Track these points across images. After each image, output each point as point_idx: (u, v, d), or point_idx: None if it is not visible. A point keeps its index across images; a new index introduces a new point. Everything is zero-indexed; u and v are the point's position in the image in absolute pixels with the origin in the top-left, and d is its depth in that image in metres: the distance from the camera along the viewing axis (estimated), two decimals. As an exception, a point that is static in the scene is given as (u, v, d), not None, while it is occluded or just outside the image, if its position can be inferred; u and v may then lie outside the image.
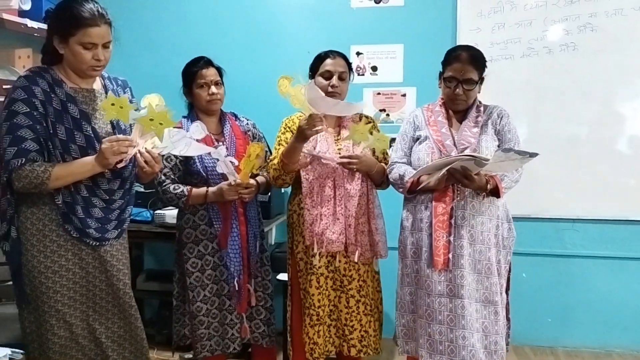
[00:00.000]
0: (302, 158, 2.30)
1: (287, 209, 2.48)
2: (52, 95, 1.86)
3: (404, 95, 3.38)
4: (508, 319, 2.31)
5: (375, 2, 3.39)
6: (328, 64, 2.37)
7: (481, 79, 2.25)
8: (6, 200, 1.90)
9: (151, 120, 1.83)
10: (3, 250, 1.98)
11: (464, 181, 2.09)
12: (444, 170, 2.07)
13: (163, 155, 2.02)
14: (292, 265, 2.45)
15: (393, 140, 2.47)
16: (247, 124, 2.57)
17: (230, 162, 2.27)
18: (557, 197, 3.28)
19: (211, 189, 2.33)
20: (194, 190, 2.35)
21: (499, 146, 2.24)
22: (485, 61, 2.26)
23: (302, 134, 2.18)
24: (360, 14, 3.41)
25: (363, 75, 3.42)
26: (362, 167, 2.29)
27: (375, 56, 3.40)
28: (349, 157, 2.26)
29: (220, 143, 2.40)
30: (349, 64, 2.42)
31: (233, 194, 2.29)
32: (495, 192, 2.17)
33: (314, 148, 2.33)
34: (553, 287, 3.34)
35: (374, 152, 2.41)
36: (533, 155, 1.99)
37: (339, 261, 2.33)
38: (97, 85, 2.02)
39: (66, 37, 1.83)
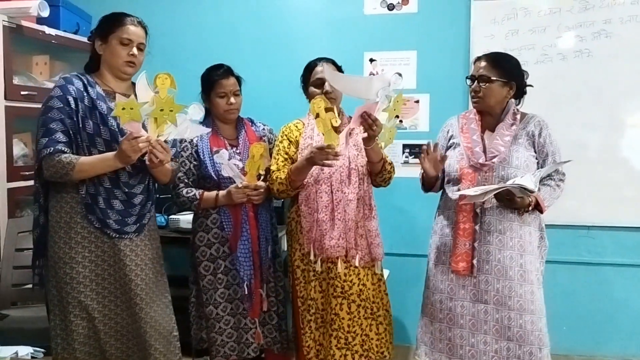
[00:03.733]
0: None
1: (290, 215, 2.46)
2: (85, 94, 2.03)
3: (417, 101, 3.38)
4: None
5: (389, 9, 3.40)
6: (318, 71, 2.35)
7: (509, 84, 2.23)
8: (39, 189, 2.07)
9: (161, 110, 1.90)
10: (34, 236, 2.11)
11: (507, 203, 2.13)
12: (487, 197, 2.08)
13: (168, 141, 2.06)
14: (291, 273, 2.44)
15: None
16: (264, 129, 2.59)
17: (235, 164, 2.29)
18: (571, 204, 3.24)
19: (221, 192, 2.35)
20: (206, 193, 2.37)
21: (537, 158, 2.24)
22: (514, 66, 2.27)
23: (312, 161, 2.16)
24: (373, 21, 3.43)
25: (376, 81, 3.42)
26: (377, 134, 2.12)
27: (388, 63, 3.40)
28: (375, 119, 2.07)
29: (234, 148, 2.42)
30: (339, 69, 2.41)
31: (241, 196, 2.30)
32: (537, 208, 2.19)
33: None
34: (568, 295, 3.29)
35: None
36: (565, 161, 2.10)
37: (340, 267, 2.29)
38: (128, 92, 2.12)
39: (107, 36, 2.06)
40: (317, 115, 2.09)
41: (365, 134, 2.14)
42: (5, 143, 2.81)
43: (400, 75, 2.18)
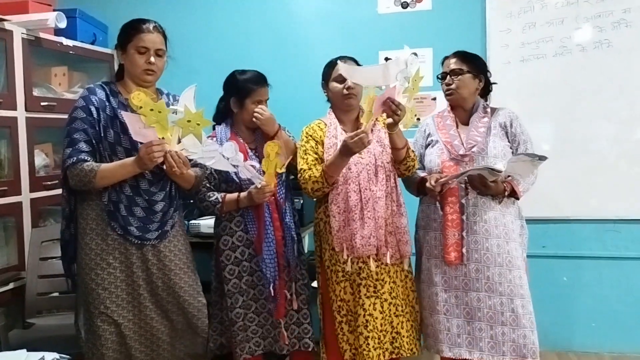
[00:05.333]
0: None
1: (317, 216, 2.46)
2: (107, 104, 2.07)
3: (434, 99, 3.35)
4: None
5: (403, 7, 3.38)
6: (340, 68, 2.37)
7: (478, 77, 2.39)
8: (65, 197, 2.11)
9: (188, 122, 1.92)
10: (61, 244, 2.17)
11: (481, 188, 2.24)
12: (457, 179, 2.24)
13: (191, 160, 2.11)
14: (321, 274, 2.43)
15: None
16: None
17: (252, 165, 2.29)
18: (596, 198, 3.19)
19: (242, 194, 2.36)
20: (228, 196, 2.38)
21: (511, 148, 2.35)
22: (481, 62, 2.44)
23: (348, 150, 2.13)
24: (387, 20, 3.42)
25: (392, 80, 3.40)
26: (402, 118, 2.14)
27: (404, 61, 3.38)
28: (399, 104, 2.10)
29: (253, 150, 2.44)
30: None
31: (261, 197, 2.29)
32: (513, 195, 2.31)
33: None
34: (596, 290, 3.23)
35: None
36: (542, 158, 2.13)
37: (372, 266, 2.29)
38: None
39: (125, 46, 2.09)
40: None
41: (390, 120, 2.16)
42: (27, 154, 2.85)
43: (415, 54, 2.22)
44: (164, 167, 2.01)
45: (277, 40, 3.56)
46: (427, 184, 2.29)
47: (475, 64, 2.39)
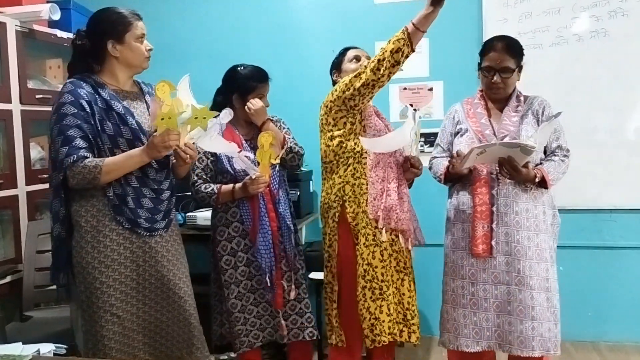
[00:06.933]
0: None
1: (335, 182, 2.35)
2: (97, 96, 1.97)
3: (431, 89, 3.35)
4: None
5: (399, -3, 3.37)
6: (354, 51, 2.45)
7: (519, 67, 2.28)
8: (58, 201, 1.99)
9: (196, 118, 1.92)
10: (54, 247, 2.07)
11: (512, 173, 2.15)
12: (473, 154, 2.10)
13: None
14: (340, 240, 2.32)
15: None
16: (273, 118, 2.58)
17: (246, 156, 2.30)
18: (593, 187, 3.20)
19: (237, 185, 2.37)
20: (223, 187, 2.39)
21: None
22: (522, 49, 2.30)
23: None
24: (383, 10, 3.40)
25: (389, 71, 3.38)
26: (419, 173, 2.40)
27: (400, 51, 3.36)
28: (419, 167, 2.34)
29: (249, 142, 2.45)
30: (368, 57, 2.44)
31: (256, 188, 2.30)
32: (543, 184, 2.23)
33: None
34: (592, 280, 3.25)
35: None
36: (557, 114, 2.13)
37: (402, 241, 2.31)
38: (134, 89, 2.13)
39: (121, 36, 1.99)
40: None
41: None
42: (23, 147, 2.84)
43: (415, 109, 2.35)
44: (173, 159, 2.01)
45: (273, 31, 3.54)
46: (454, 162, 2.28)
47: (519, 55, 2.27)
